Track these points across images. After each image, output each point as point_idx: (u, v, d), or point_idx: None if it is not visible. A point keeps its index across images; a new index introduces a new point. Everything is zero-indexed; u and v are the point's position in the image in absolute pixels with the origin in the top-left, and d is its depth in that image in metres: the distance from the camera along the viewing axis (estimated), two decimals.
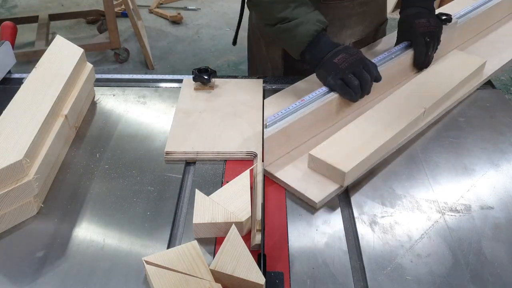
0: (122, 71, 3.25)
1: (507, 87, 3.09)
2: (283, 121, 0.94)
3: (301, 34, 1.04)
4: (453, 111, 1.12)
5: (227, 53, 3.44)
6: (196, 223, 0.81)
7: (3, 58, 1.23)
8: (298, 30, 1.04)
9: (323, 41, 1.06)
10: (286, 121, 0.94)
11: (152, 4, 4.08)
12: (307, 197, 0.88)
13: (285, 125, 0.94)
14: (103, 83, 1.24)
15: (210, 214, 0.82)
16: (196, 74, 1.15)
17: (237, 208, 0.83)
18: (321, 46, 1.05)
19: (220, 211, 0.82)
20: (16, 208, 0.83)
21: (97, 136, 1.06)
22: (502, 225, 0.85)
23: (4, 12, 4.02)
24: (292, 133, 0.97)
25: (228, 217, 0.81)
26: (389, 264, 0.78)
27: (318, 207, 0.88)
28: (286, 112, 0.96)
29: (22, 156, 0.82)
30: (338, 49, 1.04)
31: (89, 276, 0.76)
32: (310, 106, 0.98)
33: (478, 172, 0.96)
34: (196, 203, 0.84)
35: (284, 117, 0.95)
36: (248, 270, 0.71)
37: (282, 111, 0.96)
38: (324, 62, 1.03)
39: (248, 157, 0.98)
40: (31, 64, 1.17)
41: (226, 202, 0.84)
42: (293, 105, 0.98)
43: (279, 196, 0.90)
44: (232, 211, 0.82)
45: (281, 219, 0.86)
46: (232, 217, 0.81)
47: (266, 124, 0.93)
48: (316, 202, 0.87)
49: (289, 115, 0.96)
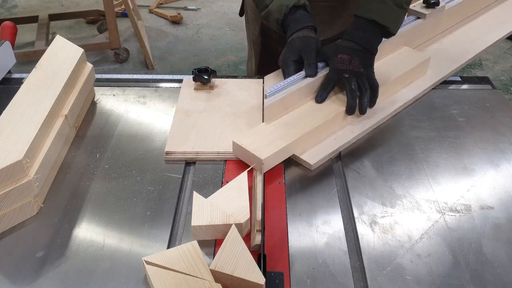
0: (122, 71, 3.25)
1: (507, 87, 3.09)
2: (281, 92, 1.01)
3: (273, 21, 1.13)
4: (453, 111, 1.12)
5: (227, 53, 3.44)
6: (194, 225, 0.80)
7: (3, 58, 1.23)
8: (270, 18, 1.13)
9: (290, 22, 1.10)
10: (284, 92, 1.02)
11: (152, 4, 4.08)
12: (303, 160, 0.96)
13: (283, 95, 1.01)
14: (103, 83, 1.24)
15: (209, 216, 0.81)
16: (196, 74, 1.15)
17: (236, 210, 0.83)
18: (291, 27, 1.11)
19: (218, 213, 0.82)
20: (16, 208, 0.83)
21: (97, 136, 1.06)
22: (502, 225, 0.85)
23: (4, 12, 4.02)
24: (290, 103, 1.04)
25: (227, 219, 0.81)
26: (389, 264, 0.78)
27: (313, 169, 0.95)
28: (285, 84, 1.03)
29: (22, 156, 0.82)
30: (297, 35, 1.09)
31: (89, 276, 0.76)
32: (306, 80, 1.05)
33: (478, 172, 0.96)
34: (194, 206, 0.83)
35: (283, 89, 1.02)
36: (248, 270, 0.71)
37: (281, 84, 1.03)
38: (286, 43, 1.11)
39: None
40: (31, 64, 1.17)
41: (224, 204, 0.84)
42: (290, 78, 1.05)
43: (279, 196, 0.90)
44: (231, 213, 0.82)
45: (281, 219, 0.86)
46: (231, 219, 0.81)
47: (266, 94, 0.99)
48: (311, 164, 0.95)
49: (287, 87, 1.03)
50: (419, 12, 1.28)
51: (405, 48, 1.24)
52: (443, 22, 1.35)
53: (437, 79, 1.20)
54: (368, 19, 1.07)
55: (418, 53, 1.23)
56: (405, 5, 1.09)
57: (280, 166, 0.97)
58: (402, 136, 1.05)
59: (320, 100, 1.05)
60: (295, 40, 1.08)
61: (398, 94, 1.15)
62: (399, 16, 1.10)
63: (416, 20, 1.28)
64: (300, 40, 1.08)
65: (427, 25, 1.30)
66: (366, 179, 0.94)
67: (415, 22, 1.28)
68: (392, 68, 1.16)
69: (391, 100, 1.13)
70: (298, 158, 0.98)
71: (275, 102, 1.00)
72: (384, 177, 0.95)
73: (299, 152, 0.98)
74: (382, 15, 1.07)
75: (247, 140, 0.96)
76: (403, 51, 1.23)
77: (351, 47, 1.07)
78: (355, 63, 1.05)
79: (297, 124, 1.00)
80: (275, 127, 0.99)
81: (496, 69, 3.22)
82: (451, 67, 1.25)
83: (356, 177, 0.95)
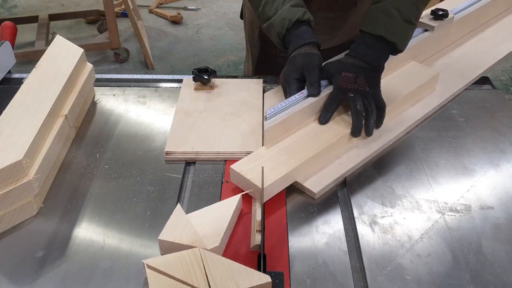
0: (122, 71, 3.25)
1: (507, 87, 3.09)
2: (282, 114, 0.96)
3: (274, 35, 1.09)
4: (453, 111, 1.12)
5: (227, 53, 3.45)
6: (160, 239, 0.77)
7: (3, 58, 1.23)
8: (271, 31, 1.10)
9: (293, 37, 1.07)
10: (286, 113, 0.96)
11: (152, 4, 4.08)
12: (306, 187, 0.91)
13: (284, 117, 0.96)
14: (103, 83, 1.24)
15: (178, 233, 0.78)
16: (196, 74, 1.15)
17: (209, 234, 0.78)
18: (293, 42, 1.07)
19: (189, 232, 0.78)
20: (16, 208, 0.83)
21: (97, 136, 1.06)
22: (502, 225, 0.85)
23: (4, 12, 4.02)
24: (291, 125, 0.98)
25: (194, 241, 0.77)
26: (389, 264, 0.78)
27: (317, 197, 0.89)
28: (286, 104, 0.98)
29: (22, 156, 0.82)
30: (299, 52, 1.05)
31: (89, 276, 0.76)
32: (309, 99, 1.00)
33: (478, 172, 0.96)
34: (171, 219, 0.80)
35: (284, 110, 0.97)
36: (249, 278, 0.70)
37: (282, 104, 0.98)
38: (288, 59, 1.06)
39: None
40: (31, 64, 1.17)
41: (201, 224, 0.80)
42: (292, 98, 0.99)
43: (279, 196, 0.90)
44: (203, 235, 0.78)
45: (281, 219, 0.86)
46: (198, 242, 0.76)
47: (266, 116, 0.95)
48: (315, 192, 0.89)
49: (288, 108, 0.97)
50: (427, 25, 1.22)
51: (412, 63, 1.18)
52: (452, 34, 1.29)
53: (447, 97, 1.14)
54: (375, 35, 1.00)
55: (426, 68, 1.17)
56: (414, 21, 1.02)
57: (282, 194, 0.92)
58: (402, 136, 1.05)
59: (323, 121, 1.00)
60: (297, 57, 1.03)
61: (405, 113, 1.08)
62: (407, 32, 1.03)
63: (424, 33, 1.22)
64: (302, 57, 1.03)
65: (435, 38, 1.24)
66: (366, 179, 0.94)
67: (422, 35, 1.21)
68: (399, 85, 1.09)
69: (398, 120, 1.06)
70: (301, 186, 0.92)
71: (276, 125, 0.95)
72: (384, 177, 0.94)
73: (302, 179, 0.92)
74: (390, 30, 1.00)
75: (245, 167, 0.90)
76: (410, 66, 1.17)
77: (355, 64, 1.01)
78: (360, 81, 0.98)
79: (299, 148, 0.94)
80: (276, 152, 0.93)
81: (496, 69, 3.22)
82: (461, 83, 1.18)
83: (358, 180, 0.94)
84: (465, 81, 1.19)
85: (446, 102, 1.14)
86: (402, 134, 1.05)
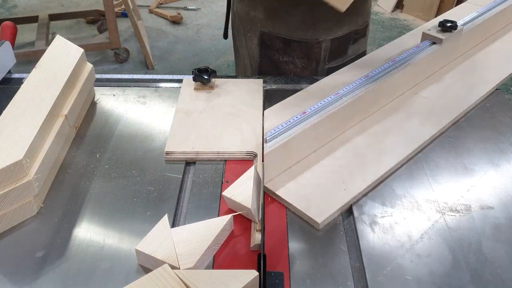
0: (122, 71, 3.25)
1: (507, 87, 3.09)
2: (283, 135, 0.90)
3: None
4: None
5: (227, 53, 3.44)
6: (138, 249, 0.76)
7: (3, 58, 1.23)
8: None
9: None
10: (287, 135, 0.90)
11: (152, 4, 4.08)
12: (308, 217, 0.84)
13: (285, 139, 0.89)
14: (103, 83, 1.24)
15: (155, 247, 0.75)
16: (196, 74, 1.15)
17: (187, 253, 0.75)
18: None
19: (167, 247, 0.75)
20: (16, 208, 0.83)
21: (97, 136, 1.06)
22: (502, 225, 0.85)
23: (4, 12, 4.02)
24: (294, 147, 0.92)
25: (168, 257, 0.74)
26: (389, 264, 0.78)
27: (321, 228, 0.84)
28: (287, 125, 0.92)
29: (22, 156, 0.82)
30: None
31: (89, 276, 0.76)
32: (311, 120, 0.94)
33: (478, 172, 0.96)
34: (154, 229, 0.79)
35: (285, 131, 0.91)
36: (237, 278, 0.68)
37: (283, 125, 0.92)
38: None
39: (248, 157, 0.98)
40: (31, 64, 1.17)
41: (182, 241, 0.77)
42: (294, 118, 0.93)
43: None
44: (180, 252, 0.75)
45: (281, 219, 0.86)
46: (173, 259, 0.74)
47: (266, 138, 0.89)
48: (318, 222, 0.83)
49: (289, 129, 0.91)
50: (435, 37, 1.17)
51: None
52: (460, 46, 1.24)
53: (458, 114, 1.08)
54: None
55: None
56: None
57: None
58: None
59: None
60: None
61: (415, 133, 1.03)
62: None
63: (432, 46, 1.17)
64: None
65: (444, 51, 1.18)
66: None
67: (430, 48, 1.16)
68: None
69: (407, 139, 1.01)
70: (303, 214, 0.86)
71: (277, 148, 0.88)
72: (384, 177, 0.94)
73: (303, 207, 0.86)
74: None
75: (236, 190, 0.86)
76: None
77: None
78: None
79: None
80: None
81: None
82: (471, 100, 1.12)
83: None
84: (475, 97, 1.13)
85: (457, 119, 1.09)
86: (411, 155, 0.99)
